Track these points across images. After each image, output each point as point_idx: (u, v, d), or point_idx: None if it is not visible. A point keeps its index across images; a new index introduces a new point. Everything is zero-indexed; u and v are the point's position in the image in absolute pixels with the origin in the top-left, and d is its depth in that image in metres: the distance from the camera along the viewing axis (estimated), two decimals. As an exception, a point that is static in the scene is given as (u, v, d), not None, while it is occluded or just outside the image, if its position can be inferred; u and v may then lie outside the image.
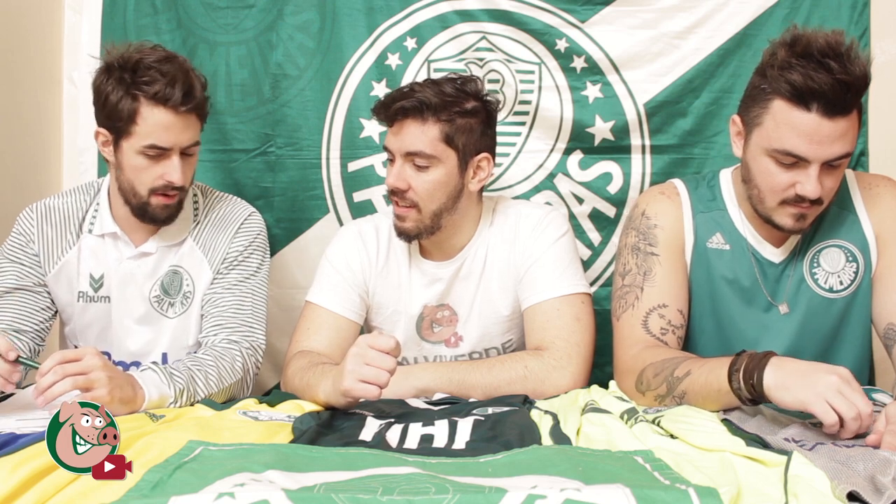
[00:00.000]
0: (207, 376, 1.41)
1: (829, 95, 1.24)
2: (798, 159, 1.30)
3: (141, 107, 1.44)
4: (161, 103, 1.44)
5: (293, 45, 2.03)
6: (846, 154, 1.30)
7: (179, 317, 1.60)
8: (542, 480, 0.81)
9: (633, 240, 1.50)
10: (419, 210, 1.54)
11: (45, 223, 1.59)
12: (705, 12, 1.97)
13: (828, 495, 0.80)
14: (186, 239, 1.60)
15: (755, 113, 1.34)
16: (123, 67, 1.45)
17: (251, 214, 1.66)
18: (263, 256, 1.64)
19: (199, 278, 1.60)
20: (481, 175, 1.58)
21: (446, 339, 1.65)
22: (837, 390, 1.06)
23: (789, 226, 1.37)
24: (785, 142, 1.29)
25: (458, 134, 1.52)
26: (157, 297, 1.59)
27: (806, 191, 1.30)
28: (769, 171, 1.34)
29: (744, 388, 1.16)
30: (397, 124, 1.54)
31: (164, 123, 1.45)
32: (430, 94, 1.50)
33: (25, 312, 1.56)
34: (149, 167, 1.48)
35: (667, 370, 1.30)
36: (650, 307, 1.44)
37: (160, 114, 1.45)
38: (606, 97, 2.00)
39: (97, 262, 1.59)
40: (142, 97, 1.44)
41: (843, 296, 1.45)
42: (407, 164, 1.53)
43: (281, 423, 1.19)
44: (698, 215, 1.49)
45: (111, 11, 2.05)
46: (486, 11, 2.00)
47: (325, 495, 0.74)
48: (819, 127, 1.26)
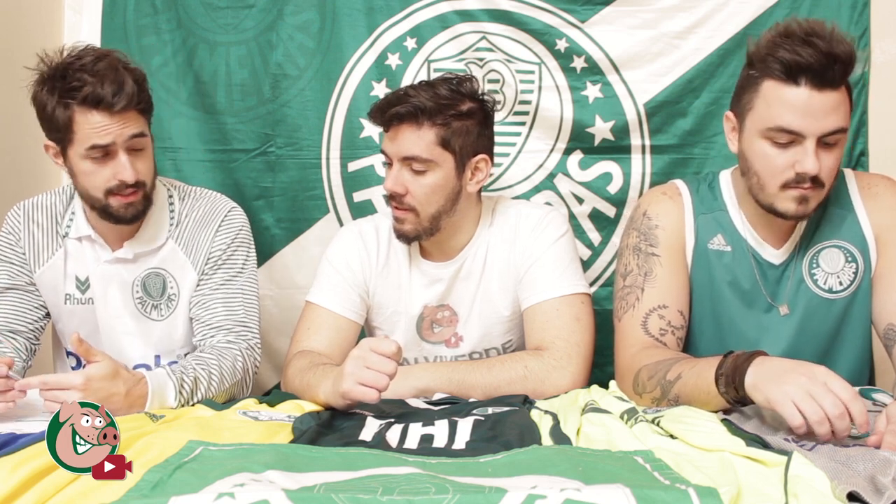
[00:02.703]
0: (211, 376, 1.41)
1: (817, 68, 1.26)
2: (793, 135, 1.30)
3: (75, 113, 1.40)
4: (93, 106, 1.40)
5: (293, 45, 2.03)
6: (840, 129, 1.30)
7: (165, 320, 1.58)
8: (542, 480, 0.81)
9: (634, 240, 1.50)
10: (417, 213, 1.54)
11: (31, 222, 1.58)
12: (705, 12, 1.97)
13: (828, 495, 0.80)
14: (167, 241, 1.57)
15: (746, 99, 1.36)
16: (54, 76, 1.42)
17: (231, 210, 1.62)
18: (248, 252, 1.62)
19: (183, 280, 1.57)
20: (479, 176, 1.58)
21: (446, 340, 1.65)
22: (807, 391, 1.03)
23: (792, 211, 1.36)
24: (778, 119, 1.30)
25: (454, 137, 1.52)
26: (141, 300, 1.57)
27: (805, 167, 1.30)
28: (766, 154, 1.34)
29: (729, 390, 1.14)
30: (393, 129, 1.53)
31: (99, 125, 1.41)
32: (425, 99, 1.50)
33: (19, 312, 1.56)
34: (97, 170, 1.44)
35: (660, 373, 1.30)
36: (650, 308, 1.44)
37: (94, 117, 1.40)
38: (606, 97, 2.00)
39: (82, 264, 1.57)
40: (73, 104, 1.40)
41: (843, 296, 1.45)
42: (404, 169, 1.53)
43: (281, 423, 1.19)
44: (700, 216, 1.49)
45: (111, 11, 2.05)
46: (486, 11, 2.00)
47: (325, 495, 0.74)
48: (810, 100, 1.28)
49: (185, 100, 2.04)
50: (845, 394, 1.02)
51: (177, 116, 2.04)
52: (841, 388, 1.03)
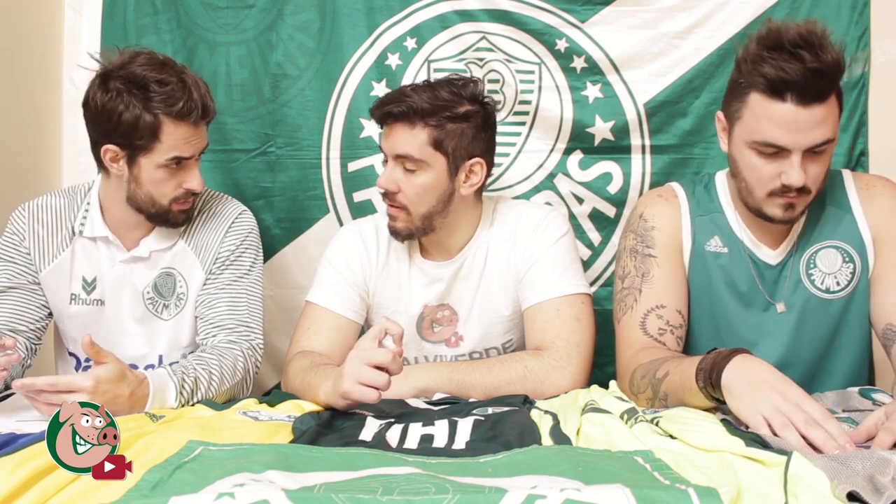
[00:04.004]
0: (211, 377, 1.41)
1: (802, 84, 1.26)
2: (779, 149, 1.31)
3: (163, 124, 1.44)
4: (183, 119, 1.45)
5: (293, 45, 2.03)
6: (827, 140, 1.31)
7: (174, 318, 1.60)
8: (542, 480, 0.81)
9: (631, 242, 1.51)
10: (409, 212, 1.55)
11: (37, 222, 1.59)
12: (705, 12, 1.97)
13: (828, 495, 0.80)
14: (178, 240, 1.60)
15: (735, 107, 1.36)
16: (131, 82, 1.43)
17: (242, 213, 1.65)
18: (256, 255, 1.64)
19: (192, 279, 1.59)
20: (473, 179, 1.57)
21: (447, 339, 1.65)
22: (776, 408, 1.02)
23: (779, 216, 1.38)
24: (764, 133, 1.31)
25: (447, 139, 1.52)
26: (152, 299, 1.59)
27: (791, 180, 1.31)
28: (753, 164, 1.35)
29: (707, 386, 1.13)
30: (387, 127, 1.55)
31: (185, 137, 1.47)
32: (421, 99, 1.50)
33: (21, 312, 1.56)
34: (169, 178, 1.50)
35: (651, 372, 1.30)
36: (648, 308, 1.44)
37: (182, 129, 1.46)
38: (606, 97, 2.00)
39: (90, 264, 1.59)
40: (161, 114, 1.44)
41: (841, 296, 1.45)
42: (398, 167, 1.54)
43: (281, 423, 1.19)
44: (696, 218, 1.50)
45: (111, 11, 2.05)
46: (486, 11, 2.00)
47: (325, 495, 0.74)
48: (796, 116, 1.28)
49: (186, 100, 2.04)
50: (818, 413, 1.01)
51: (177, 116, 2.04)
52: (813, 408, 1.01)
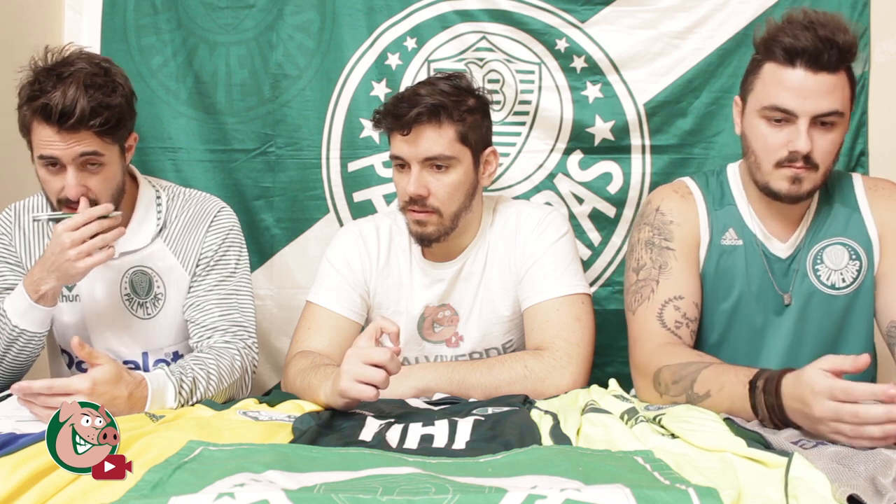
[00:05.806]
0: (209, 377, 1.41)
1: (812, 51, 1.32)
2: (787, 114, 1.35)
3: (32, 121, 1.37)
4: (44, 119, 1.36)
5: (293, 45, 2.03)
6: (834, 111, 1.34)
7: (151, 319, 1.57)
8: (542, 480, 0.81)
9: (646, 235, 1.50)
10: (440, 214, 1.53)
11: (24, 223, 1.58)
12: (705, 12, 1.97)
13: (828, 498, 0.80)
14: (155, 240, 1.56)
15: (749, 81, 1.43)
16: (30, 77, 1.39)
17: (221, 210, 1.61)
18: (240, 251, 1.61)
19: (171, 281, 1.57)
20: (490, 169, 1.59)
21: (447, 339, 1.65)
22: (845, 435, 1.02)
23: (785, 190, 1.39)
24: (773, 97, 1.36)
25: (470, 131, 1.53)
26: (128, 297, 1.56)
27: (797, 146, 1.35)
28: (763, 133, 1.39)
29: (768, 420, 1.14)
30: (408, 132, 1.50)
31: (47, 139, 1.37)
32: (441, 97, 1.49)
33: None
34: (50, 178, 1.42)
35: (685, 380, 1.28)
36: (666, 299, 1.44)
37: (44, 129, 1.37)
38: (606, 97, 2.00)
39: None
40: (28, 110, 1.37)
41: (846, 293, 1.46)
42: (424, 170, 1.52)
43: (281, 423, 1.19)
44: (713, 213, 1.51)
45: (111, 11, 2.05)
46: (486, 11, 2.00)
47: (325, 495, 0.74)
48: (804, 81, 1.33)
49: (185, 100, 2.04)
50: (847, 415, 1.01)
51: (177, 116, 2.04)
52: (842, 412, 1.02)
